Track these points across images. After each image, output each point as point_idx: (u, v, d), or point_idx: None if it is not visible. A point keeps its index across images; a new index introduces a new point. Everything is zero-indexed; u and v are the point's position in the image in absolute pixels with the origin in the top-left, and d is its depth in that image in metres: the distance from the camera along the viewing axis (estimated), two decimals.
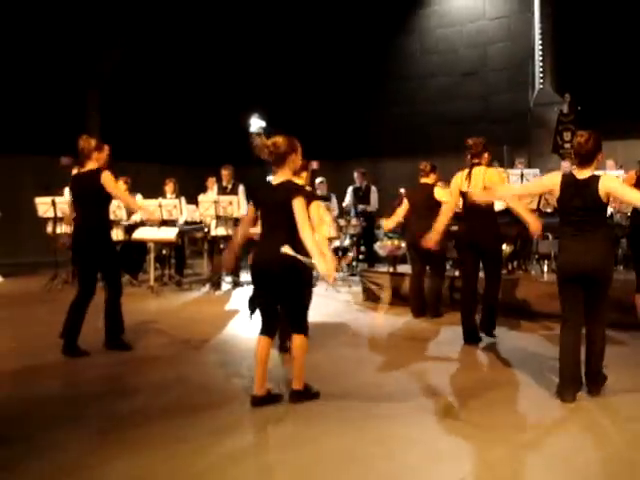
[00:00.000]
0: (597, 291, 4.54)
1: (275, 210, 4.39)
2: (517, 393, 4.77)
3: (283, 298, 4.46)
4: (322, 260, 4.26)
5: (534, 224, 5.59)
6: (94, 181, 5.70)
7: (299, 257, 4.28)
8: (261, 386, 4.47)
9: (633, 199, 4.52)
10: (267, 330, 4.52)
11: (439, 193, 7.50)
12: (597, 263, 4.45)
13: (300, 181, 4.97)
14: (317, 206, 5.34)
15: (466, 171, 6.25)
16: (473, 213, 6.13)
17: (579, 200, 4.47)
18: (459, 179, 6.29)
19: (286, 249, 4.24)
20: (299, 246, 4.34)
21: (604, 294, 4.58)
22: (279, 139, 4.42)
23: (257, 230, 4.79)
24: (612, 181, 4.55)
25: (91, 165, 5.82)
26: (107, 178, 5.71)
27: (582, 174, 4.52)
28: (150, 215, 7.31)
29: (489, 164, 6.43)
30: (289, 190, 4.34)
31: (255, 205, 4.61)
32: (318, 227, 5.03)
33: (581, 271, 4.47)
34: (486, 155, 6.28)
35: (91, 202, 5.77)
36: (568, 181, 4.56)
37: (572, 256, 4.50)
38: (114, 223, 9.98)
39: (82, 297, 5.77)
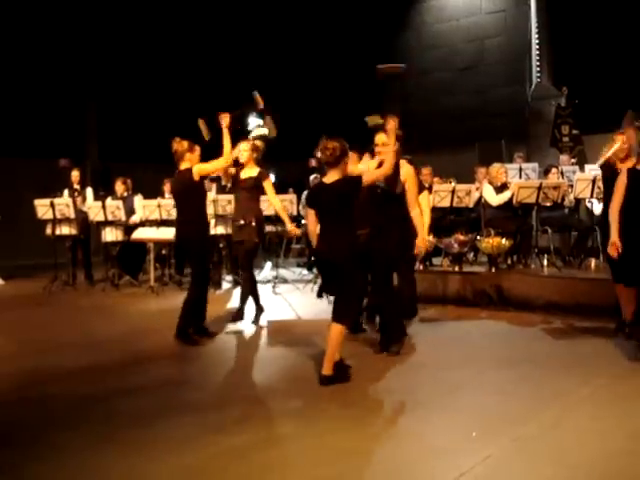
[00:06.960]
0: None
1: (332, 204, 4.80)
2: (515, 387, 4.77)
3: (342, 285, 4.80)
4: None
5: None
6: (189, 179, 6.14)
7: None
8: (329, 367, 4.75)
9: None
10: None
11: None
12: None
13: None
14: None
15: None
16: None
17: None
18: None
19: None
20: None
21: None
22: (336, 144, 4.82)
23: None
24: None
25: (185, 165, 6.27)
26: (197, 169, 6.15)
27: None
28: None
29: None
30: (348, 184, 4.81)
31: (312, 206, 5.05)
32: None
33: None
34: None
35: (189, 199, 6.22)
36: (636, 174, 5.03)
37: None
38: (113, 224, 10.02)
39: (197, 289, 6.26)
